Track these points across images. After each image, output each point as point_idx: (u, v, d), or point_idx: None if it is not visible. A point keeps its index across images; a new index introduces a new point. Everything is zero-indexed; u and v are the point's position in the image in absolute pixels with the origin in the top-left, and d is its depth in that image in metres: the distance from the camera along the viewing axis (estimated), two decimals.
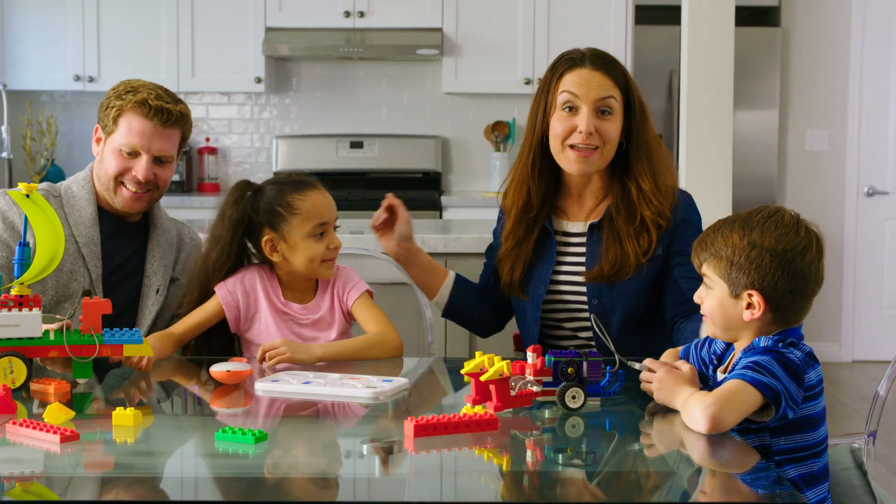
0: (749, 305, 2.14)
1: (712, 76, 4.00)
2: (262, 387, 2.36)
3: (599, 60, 2.79)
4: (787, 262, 2.11)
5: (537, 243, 2.88)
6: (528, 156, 2.85)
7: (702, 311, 2.24)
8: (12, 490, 1.75)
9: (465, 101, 6.93)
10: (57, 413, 2.05)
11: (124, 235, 2.97)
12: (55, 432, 1.94)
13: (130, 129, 2.85)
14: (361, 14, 6.57)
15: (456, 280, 3.00)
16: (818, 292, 2.16)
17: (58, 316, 2.55)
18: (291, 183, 2.78)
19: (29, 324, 2.33)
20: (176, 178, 6.73)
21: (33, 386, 2.33)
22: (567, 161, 2.79)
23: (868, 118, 7.41)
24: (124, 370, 2.51)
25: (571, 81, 2.76)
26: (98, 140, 2.94)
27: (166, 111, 2.86)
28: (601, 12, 6.61)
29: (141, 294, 2.96)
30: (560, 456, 1.98)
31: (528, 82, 6.62)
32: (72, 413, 2.07)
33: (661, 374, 2.15)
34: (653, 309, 2.84)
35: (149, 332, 2.87)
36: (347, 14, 6.57)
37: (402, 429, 2.02)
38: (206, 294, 2.79)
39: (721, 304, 2.17)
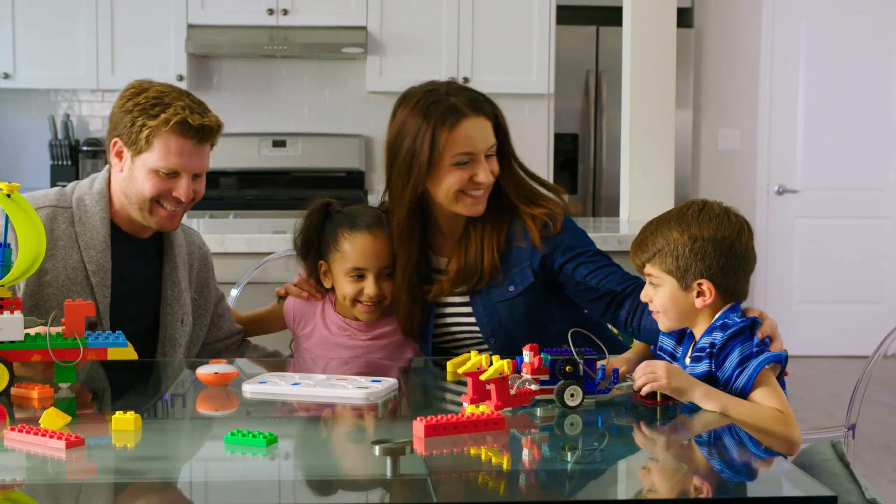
0: (699, 293, 2.28)
1: (654, 76, 4.06)
2: (250, 388, 2.34)
3: (476, 104, 2.66)
4: (728, 247, 2.27)
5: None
6: (409, 201, 2.69)
7: (652, 308, 2.36)
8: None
9: (388, 99, 6.84)
10: (54, 418, 1.99)
11: (137, 257, 2.78)
12: (59, 438, 1.90)
13: (168, 150, 2.63)
14: (285, 12, 6.53)
15: None
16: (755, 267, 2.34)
17: (40, 320, 2.48)
18: (353, 217, 2.76)
19: (10, 327, 2.27)
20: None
21: (14, 391, 2.27)
22: (465, 207, 2.69)
23: (778, 118, 7.58)
24: (99, 374, 2.46)
25: (463, 138, 2.63)
26: (119, 154, 2.70)
27: (206, 129, 2.66)
28: (524, 12, 6.66)
29: (161, 324, 2.79)
30: (569, 454, 1.99)
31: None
32: (68, 418, 2.02)
33: (664, 365, 2.20)
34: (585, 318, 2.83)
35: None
36: (271, 12, 6.52)
37: (405, 429, 2.01)
38: None
39: (672, 297, 2.31)
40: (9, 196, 2.28)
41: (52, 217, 2.70)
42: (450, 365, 2.56)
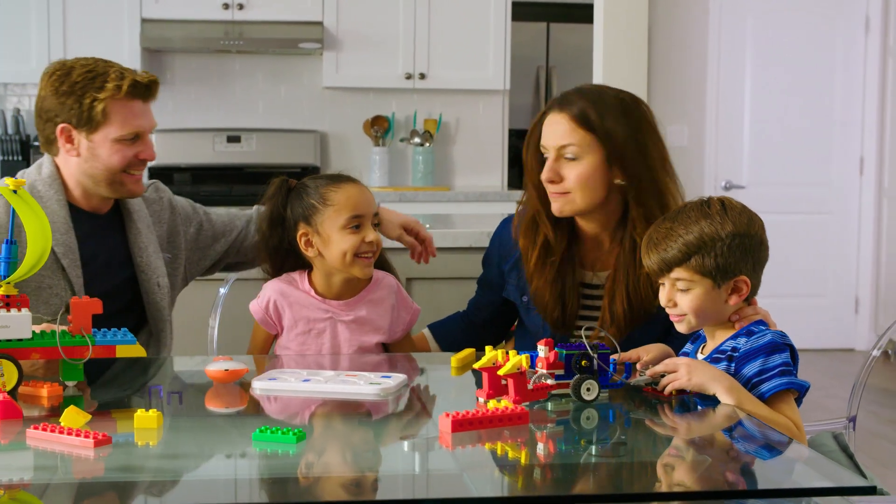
0: (734, 290, 2.26)
1: (626, 71, 4.10)
2: (259, 385, 2.32)
3: (563, 101, 2.64)
4: (759, 241, 2.28)
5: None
6: (535, 198, 2.73)
7: (676, 313, 2.31)
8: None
9: (343, 95, 6.90)
10: (75, 416, 1.97)
11: (100, 233, 2.79)
12: (87, 436, 1.87)
13: (126, 116, 2.68)
14: (240, 6, 6.49)
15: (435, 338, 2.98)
16: None
17: (46, 318, 2.45)
18: (327, 177, 2.77)
19: (18, 325, 2.24)
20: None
21: (22, 389, 2.24)
22: (552, 203, 2.69)
23: (725, 114, 7.66)
24: (98, 371, 2.44)
25: (543, 132, 2.66)
26: (69, 139, 2.71)
27: (154, 83, 2.72)
28: (480, 8, 6.68)
29: (142, 291, 2.81)
30: (594, 447, 2.01)
31: (408, 77, 6.64)
32: (88, 416, 2.00)
33: (685, 361, 2.21)
34: None
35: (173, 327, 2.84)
36: (226, 6, 6.48)
37: (424, 424, 2.02)
38: None
39: (707, 298, 2.27)
40: (15, 192, 2.26)
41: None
42: (453, 360, 2.57)
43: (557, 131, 2.62)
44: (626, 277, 2.66)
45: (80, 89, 2.66)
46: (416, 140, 6.82)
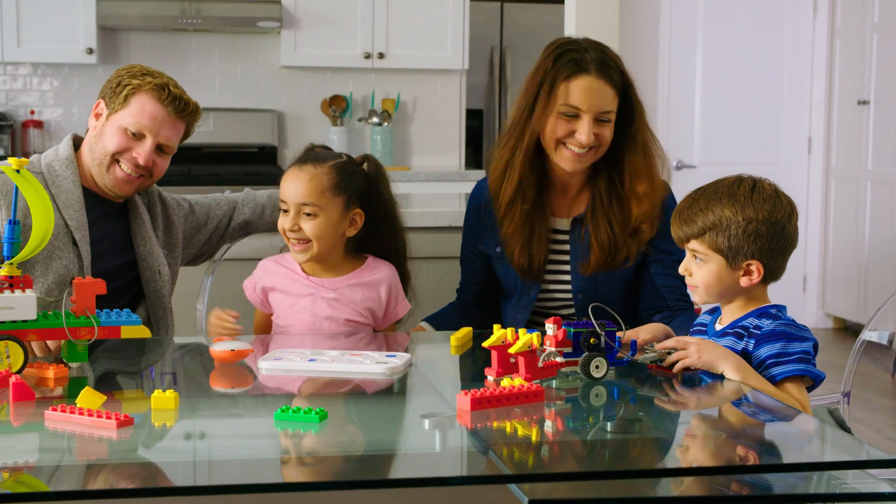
0: (746, 273, 2.29)
1: None
2: (266, 365, 2.32)
3: (604, 68, 2.75)
4: (780, 229, 2.29)
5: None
6: (522, 148, 2.82)
7: (691, 283, 2.37)
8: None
9: (300, 74, 6.85)
10: (91, 398, 1.96)
11: (109, 218, 2.87)
12: (109, 417, 1.87)
13: (142, 109, 2.77)
14: None
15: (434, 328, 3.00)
16: None
17: (49, 299, 2.43)
18: (304, 156, 2.81)
19: (23, 306, 2.22)
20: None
21: (27, 371, 2.22)
22: (561, 158, 2.79)
23: (676, 95, 7.73)
24: (109, 352, 2.43)
25: (576, 91, 2.73)
26: (98, 115, 2.84)
27: (183, 101, 2.80)
28: None
29: (143, 278, 2.88)
30: (608, 423, 2.03)
31: (367, 56, 6.61)
32: (104, 397, 1.98)
33: (696, 340, 2.24)
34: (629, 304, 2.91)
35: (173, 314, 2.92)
36: None
37: (435, 403, 2.03)
38: None
39: (718, 275, 2.31)
40: (18, 172, 2.23)
41: None
42: (453, 339, 2.58)
43: (602, 97, 2.75)
44: (605, 209, 2.82)
45: (128, 76, 2.81)
46: (375, 120, 6.79)
